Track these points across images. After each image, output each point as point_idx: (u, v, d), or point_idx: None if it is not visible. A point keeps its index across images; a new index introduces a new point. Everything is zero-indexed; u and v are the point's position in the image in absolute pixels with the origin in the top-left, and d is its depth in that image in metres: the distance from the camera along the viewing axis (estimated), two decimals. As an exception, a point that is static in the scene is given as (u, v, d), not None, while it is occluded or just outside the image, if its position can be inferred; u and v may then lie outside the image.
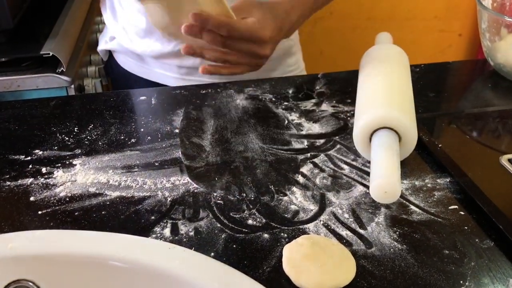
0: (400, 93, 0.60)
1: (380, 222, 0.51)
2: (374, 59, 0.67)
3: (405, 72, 0.65)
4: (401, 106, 0.57)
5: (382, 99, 0.58)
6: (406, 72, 0.65)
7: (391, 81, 0.61)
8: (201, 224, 0.51)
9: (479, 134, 0.68)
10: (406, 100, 0.59)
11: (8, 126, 0.67)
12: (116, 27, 0.90)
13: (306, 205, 0.53)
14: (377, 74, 0.63)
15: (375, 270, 0.46)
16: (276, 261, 0.46)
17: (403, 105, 0.57)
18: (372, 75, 0.63)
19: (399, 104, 0.57)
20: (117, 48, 0.93)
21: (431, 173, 0.58)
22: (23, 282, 0.46)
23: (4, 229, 0.50)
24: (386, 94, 0.59)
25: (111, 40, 0.93)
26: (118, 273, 0.46)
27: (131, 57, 0.92)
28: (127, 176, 0.57)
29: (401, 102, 0.58)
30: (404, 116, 0.55)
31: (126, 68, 0.93)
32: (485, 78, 0.84)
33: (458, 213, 0.52)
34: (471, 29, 2.02)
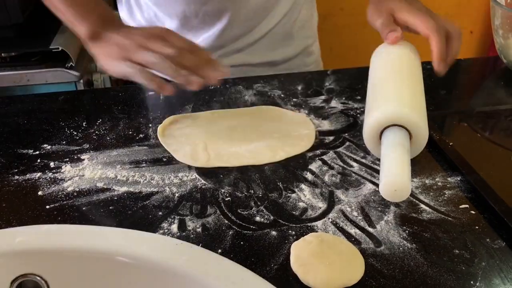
0: (411, 90, 0.59)
1: (390, 220, 0.50)
2: (384, 56, 0.66)
3: (416, 70, 0.64)
4: (412, 103, 0.56)
5: (393, 96, 0.57)
6: (417, 69, 0.64)
7: (401, 78, 0.61)
8: (209, 220, 0.50)
9: (491, 133, 0.67)
10: (417, 97, 0.58)
11: (17, 121, 0.67)
12: (132, 24, 0.88)
13: (314, 202, 0.53)
14: (387, 71, 0.63)
15: (384, 269, 0.45)
16: (283, 258, 0.46)
17: (414, 102, 0.57)
18: (383, 72, 0.63)
19: (410, 101, 0.56)
20: None
21: (442, 171, 0.57)
22: (31, 276, 0.46)
23: (12, 223, 0.50)
24: (396, 91, 0.58)
25: None
26: (125, 269, 0.46)
27: None
28: (135, 171, 0.57)
29: (412, 99, 0.57)
30: (415, 113, 0.54)
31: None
32: (497, 76, 0.83)
33: (469, 212, 0.51)
34: (482, 26, 2.00)
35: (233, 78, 0.78)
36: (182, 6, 0.79)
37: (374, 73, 0.65)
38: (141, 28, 0.62)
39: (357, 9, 1.85)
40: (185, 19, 0.81)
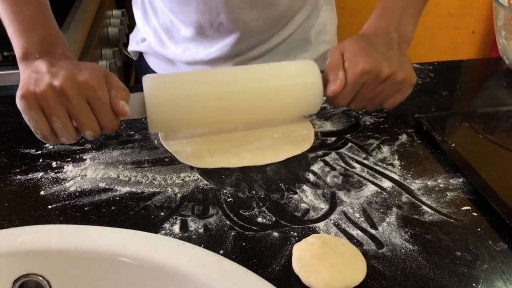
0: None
1: (392, 222, 0.50)
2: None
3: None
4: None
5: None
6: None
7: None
8: (211, 221, 0.50)
9: (493, 134, 0.67)
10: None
11: (19, 120, 0.67)
12: (147, 29, 0.87)
13: (316, 203, 0.53)
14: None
15: (386, 270, 0.45)
16: (285, 260, 0.46)
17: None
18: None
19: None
20: (148, 50, 0.90)
21: (444, 173, 0.57)
22: (33, 276, 0.46)
23: (14, 222, 0.50)
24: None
25: (142, 42, 0.91)
26: (127, 269, 0.46)
27: (162, 60, 0.88)
28: (137, 171, 0.57)
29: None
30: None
31: (156, 70, 0.91)
32: (500, 77, 0.83)
33: (471, 214, 0.51)
34: (484, 26, 1.99)
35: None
36: (196, 15, 0.77)
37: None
38: (71, 67, 0.53)
39: (359, 8, 1.85)
40: (200, 28, 0.79)
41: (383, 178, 0.56)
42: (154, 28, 0.86)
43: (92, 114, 0.53)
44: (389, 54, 0.60)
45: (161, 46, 0.86)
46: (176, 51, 0.84)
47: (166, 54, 0.86)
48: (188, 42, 0.83)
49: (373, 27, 0.65)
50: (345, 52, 0.60)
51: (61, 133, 0.53)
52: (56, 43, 0.58)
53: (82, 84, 0.52)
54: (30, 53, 0.56)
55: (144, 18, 0.88)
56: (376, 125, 0.66)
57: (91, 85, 0.52)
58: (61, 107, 0.52)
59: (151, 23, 0.86)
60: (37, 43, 0.56)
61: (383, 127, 0.66)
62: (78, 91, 0.51)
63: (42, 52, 0.56)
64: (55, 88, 0.51)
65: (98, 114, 0.53)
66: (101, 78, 0.53)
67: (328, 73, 0.60)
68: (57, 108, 0.52)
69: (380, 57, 0.59)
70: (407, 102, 0.71)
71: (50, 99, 0.51)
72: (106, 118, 0.54)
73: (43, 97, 0.51)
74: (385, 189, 0.55)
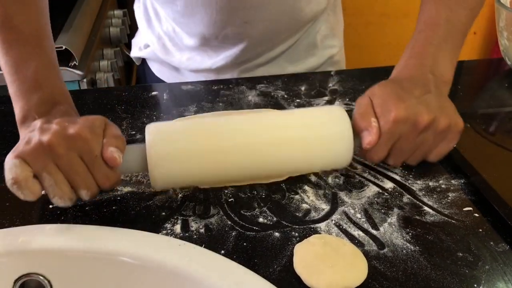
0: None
1: (393, 222, 0.50)
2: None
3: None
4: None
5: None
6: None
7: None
8: (212, 221, 0.50)
9: (495, 135, 0.67)
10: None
11: (21, 119, 0.67)
12: (150, 35, 0.86)
13: (317, 204, 0.53)
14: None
15: (387, 271, 0.45)
16: (286, 260, 0.46)
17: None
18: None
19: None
20: (152, 57, 0.88)
21: (445, 173, 0.57)
22: (34, 275, 0.47)
23: (15, 222, 0.50)
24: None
25: (145, 48, 0.89)
26: (128, 269, 0.46)
27: (166, 67, 0.87)
28: (138, 171, 0.57)
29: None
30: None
31: (160, 76, 0.90)
32: (501, 78, 0.83)
33: (473, 215, 0.51)
34: (486, 27, 1.99)
35: (236, 78, 0.78)
36: (201, 28, 0.75)
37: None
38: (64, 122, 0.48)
39: (360, 10, 1.85)
40: (204, 40, 0.78)
41: (385, 178, 0.56)
42: (158, 35, 0.84)
43: (86, 170, 0.48)
44: (426, 99, 0.53)
45: (166, 53, 0.84)
46: (181, 59, 0.83)
47: (171, 62, 0.84)
48: (192, 51, 0.82)
49: (403, 70, 0.57)
50: (373, 99, 0.53)
51: (53, 192, 0.47)
52: (58, 102, 0.54)
53: (72, 137, 0.47)
54: (29, 115, 0.52)
55: (148, 24, 0.86)
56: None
57: (82, 137, 0.47)
58: (52, 163, 0.46)
59: (155, 30, 0.85)
60: (37, 105, 0.53)
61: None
62: (69, 146, 0.46)
63: (41, 113, 0.52)
64: (43, 144, 0.46)
65: (91, 169, 0.48)
66: (95, 129, 0.48)
67: (358, 122, 0.52)
68: (47, 163, 0.46)
69: (415, 103, 0.52)
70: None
71: (39, 156, 0.46)
72: (100, 172, 0.48)
73: (31, 154, 0.46)
74: (387, 190, 0.55)
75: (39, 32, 0.57)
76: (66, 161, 0.46)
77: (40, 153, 0.46)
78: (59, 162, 0.46)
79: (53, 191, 0.47)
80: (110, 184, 0.49)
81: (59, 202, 0.47)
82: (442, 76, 0.57)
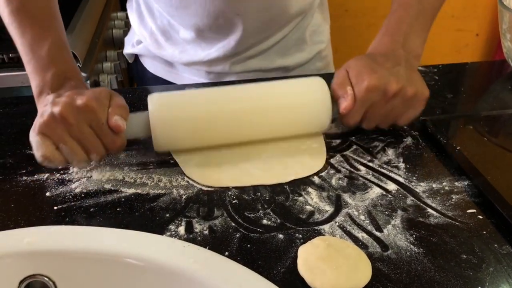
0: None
1: (397, 224, 0.50)
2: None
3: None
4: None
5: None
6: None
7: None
8: (216, 223, 0.51)
9: (498, 137, 0.67)
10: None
11: (25, 121, 0.67)
12: (143, 31, 0.88)
13: (321, 206, 0.53)
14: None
15: (391, 273, 0.45)
16: (290, 262, 0.46)
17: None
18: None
19: None
20: (145, 53, 0.90)
21: (449, 175, 0.57)
22: (38, 276, 0.47)
23: (20, 223, 0.51)
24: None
25: (138, 44, 0.91)
26: (132, 270, 0.46)
27: (159, 62, 0.89)
28: (143, 173, 0.57)
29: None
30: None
31: (153, 72, 0.91)
32: (504, 80, 0.83)
33: (476, 217, 0.51)
34: (488, 29, 1.99)
35: (238, 80, 0.78)
36: (195, 19, 0.78)
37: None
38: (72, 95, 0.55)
39: (362, 11, 1.85)
40: (199, 31, 0.79)
41: (388, 180, 0.56)
42: (150, 30, 0.86)
43: (95, 136, 0.54)
44: (395, 70, 0.59)
45: (158, 48, 0.86)
46: (173, 53, 0.85)
47: (164, 56, 0.86)
48: (186, 44, 0.84)
49: (378, 46, 0.64)
50: (349, 71, 0.60)
51: (71, 158, 0.54)
52: (69, 77, 0.60)
53: (81, 107, 0.53)
54: (43, 91, 0.59)
55: (140, 21, 0.88)
56: (381, 128, 0.66)
57: (90, 107, 0.53)
58: (66, 133, 0.53)
59: (147, 26, 0.87)
60: (51, 81, 0.59)
61: (387, 129, 0.66)
62: (78, 116, 0.53)
63: (54, 88, 0.59)
64: (56, 116, 0.53)
65: (99, 135, 0.54)
66: (102, 100, 0.55)
67: (336, 90, 0.59)
68: (62, 134, 0.53)
69: (386, 73, 0.58)
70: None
71: (54, 127, 0.53)
72: (107, 138, 0.54)
73: (48, 126, 0.53)
74: (390, 192, 0.55)
75: (50, 15, 0.64)
76: (77, 129, 0.53)
77: (54, 124, 0.53)
78: (71, 130, 0.53)
79: (71, 157, 0.54)
80: (116, 148, 0.56)
81: (77, 165, 0.57)
82: (413, 51, 0.63)
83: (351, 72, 0.59)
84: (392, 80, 0.58)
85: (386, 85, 0.57)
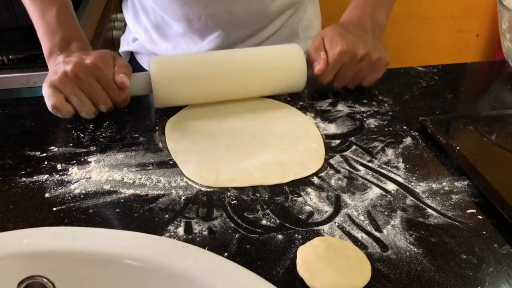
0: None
1: (396, 225, 0.50)
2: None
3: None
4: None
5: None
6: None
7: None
8: (215, 223, 0.50)
9: (498, 137, 0.67)
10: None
11: (25, 123, 0.67)
12: (138, 29, 0.90)
13: (320, 206, 0.53)
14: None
15: (390, 273, 0.45)
16: (290, 262, 0.46)
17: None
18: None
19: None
20: (140, 50, 0.93)
21: (449, 176, 0.57)
22: (37, 278, 0.46)
23: (19, 224, 0.51)
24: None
25: (134, 42, 0.93)
26: (131, 271, 0.46)
27: None
28: (142, 174, 0.57)
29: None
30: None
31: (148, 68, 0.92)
32: (504, 80, 0.82)
33: (476, 217, 0.51)
34: (488, 29, 1.99)
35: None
36: (185, 9, 0.80)
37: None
38: (81, 55, 0.64)
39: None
40: (189, 22, 0.81)
41: (388, 181, 0.56)
42: (145, 27, 0.88)
43: (103, 90, 0.63)
44: (364, 38, 0.69)
45: (153, 44, 0.88)
46: (167, 48, 0.87)
47: (158, 52, 0.88)
48: (179, 38, 0.85)
49: (349, 16, 0.74)
50: (325, 37, 0.69)
51: (80, 109, 0.63)
52: (75, 39, 0.69)
53: (90, 66, 0.62)
54: (53, 52, 0.68)
55: (135, 18, 0.90)
56: (381, 128, 0.66)
57: (97, 65, 0.62)
58: (77, 87, 0.62)
59: (142, 23, 0.89)
60: (59, 42, 0.68)
61: (387, 129, 0.66)
62: (88, 72, 0.62)
63: (62, 49, 0.67)
64: (68, 73, 0.61)
65: (107, 90, 0.63)
66: (107, 59, 0.63)
67: (311, 54, 0.70)
68: (73, 88, 0.62)
69: (356, 40, 0.68)
70: (412, 105, 0.71)
71: (66, 83, 0.62)
72: (113, 92, 0.64)
73: (61, 82, 0.62)
74: (390, 192, 0.55)
75: None
76: (87, 84, 0.62)
77: (67, 80, 0.62)
78: (82, 85, 0.62)
79: (80, 108, 0.63)
80: (121, 101, 0.65)
81: (86, 115, 0.65)
82: (379, 23, 0.74)
83: (326, 38, 0.69)
84: (361, 46, 0.68)
85: (355, 49, 0.67)
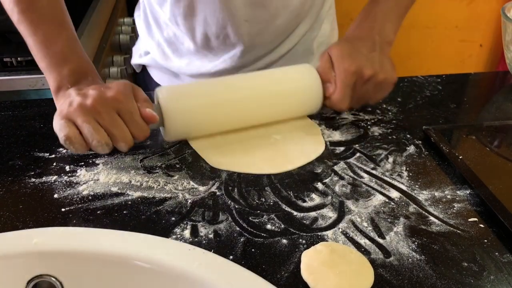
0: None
1: (399, 231, 0.51)
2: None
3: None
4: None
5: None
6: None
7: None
8: (221, 227, 0.51)
9: (500, 147, 0.68)
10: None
11: (34, 124, 0.68)
12: (150, 42, 0.88)
13: (325, 212, 0.54)
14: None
15: (393, 279, 0.46)
16: (294, 266, 0.47)
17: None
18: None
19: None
20: (151, 64, 0.91)
21: (451, 184, 0.58)
22: (46, 277, 0.47)
23: (28, 224, 0.51)
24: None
25: (146, 55, 0.91)
26: (138, 272, 0.47)
27: (166, 73, 0.89)
28: (149, 177, 0.58)
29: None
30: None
31: (160, 83, 0.91)
32: (507, 90, 0.83)
33: (478, 226, 0.52)
34: (492, 40, 2.00)
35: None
36: (203, 27, 0.78)
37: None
38: (99, 88, 0.59)
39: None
40: (206, 40, 0.79)
41: (391, 188, 0.57)
42: (158, 41, 0.86)
43: (123, 125, 0.58)
44: (371, 56, 0.66)
45: (165, 59, 0.86)
46: (180, 64, 0.85)
47: (170, 67, 0.86)
48: (192, 55, 0.83)
49: (356, 31, 0.71)
50: (332, 55, 0.67)
51: (91, 137, 0.56)
52: (86, 73, 0.64)
53: (111, 99, 0.57)
54: (63, 85, 0.62)
55: (147, 31, 0.88)
56: (384, 136, 0.67)
57: (119, 99, 0.57)
58: (91, 117, 0.56)
59: (154, 37, 0.87)
60: (68, 75, 0.62)
61: (391, 138, 0.67)
62: (108, 106, 0.57)
63: (73, 83, 0.62)
64: (86, 105, 0.56)
65: (129, 124, 0.58)
66: (127, 92, 0.59)
67: (322, 75, 0.66)
68: (88, 117, 0.56)
69: (363, 60, 0.65)
70: (415, 114, 0.72)
71: (83, 115, 0.56)
72: (137, 127, 0.58)
73: (76, 113, 0.56)
74: (393, 199, 0.55)
75: (60, 12, 0.65)
76: (107, 118, 0.57)
77: (83, 112, 0.56)
78: (100, 119, 0.57)
79: (91, 136, 0.56)
80: (143, 136, 0.60)
81: (98, 147, 0.57)
82: (386, 38, 0.70)
83: (333, 57, 0.66)
84: (368, 66, 0.65)
85: (362, 70, 0.64)
